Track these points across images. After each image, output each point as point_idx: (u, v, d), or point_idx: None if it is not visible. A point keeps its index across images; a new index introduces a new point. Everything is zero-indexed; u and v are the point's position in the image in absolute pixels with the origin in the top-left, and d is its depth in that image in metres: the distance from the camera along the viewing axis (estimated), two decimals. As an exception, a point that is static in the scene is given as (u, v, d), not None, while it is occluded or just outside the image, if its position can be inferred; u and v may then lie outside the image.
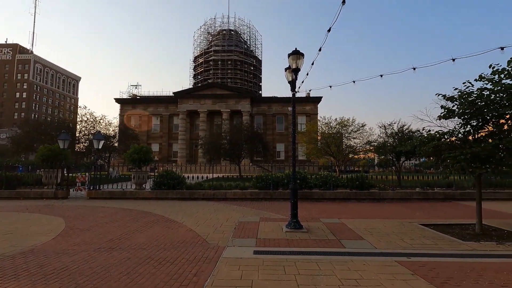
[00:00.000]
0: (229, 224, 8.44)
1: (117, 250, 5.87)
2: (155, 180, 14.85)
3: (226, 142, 31.55)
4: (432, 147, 7.35)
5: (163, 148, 55.27)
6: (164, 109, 56.08)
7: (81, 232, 7.42)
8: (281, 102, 55.77)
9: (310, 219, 9.28)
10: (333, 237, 7.00)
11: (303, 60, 7.67)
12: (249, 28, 67.22)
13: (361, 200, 13.84)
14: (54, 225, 8.27)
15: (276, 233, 7.33)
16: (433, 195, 14.08)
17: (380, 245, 6.31)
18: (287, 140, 54.73)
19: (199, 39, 66.80)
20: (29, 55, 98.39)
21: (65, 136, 15.44)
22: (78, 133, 31.63)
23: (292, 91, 8.17)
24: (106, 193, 14.60)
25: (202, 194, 14.19)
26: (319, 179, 14.79)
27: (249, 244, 6.35)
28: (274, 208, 11.68)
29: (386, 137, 20.77)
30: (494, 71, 6.81)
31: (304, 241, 6.59)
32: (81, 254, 5.57)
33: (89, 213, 10.24)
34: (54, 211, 10.67)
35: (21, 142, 30.53)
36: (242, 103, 53.15)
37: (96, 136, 17.39)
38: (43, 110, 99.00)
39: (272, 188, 14.36)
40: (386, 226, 8.29)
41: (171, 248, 5.99)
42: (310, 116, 53.49)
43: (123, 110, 56.19)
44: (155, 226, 8.14)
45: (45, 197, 14.57)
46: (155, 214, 10.13)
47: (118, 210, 10.89)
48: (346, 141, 29.72)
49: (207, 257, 5.41)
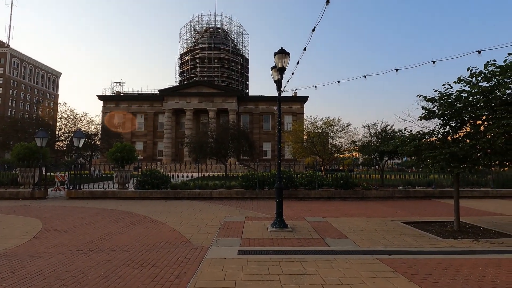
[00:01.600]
0: (214, 224, 8.36)
1: (96, 252, 5.68)
2: (138, 179, 14.52)
3: (213, 140, 31.30)
4: (413, 147, 7.53)
5: (148, 147, 54.23)
6: (149, 107, 55.00)
7: (58, 234, 7.13)
8: (268, 101, 55.89)
9: (295, 218, 9.33)
10: (318, 236, 7.05)
11: (288, 59, 7.68)
12: (236, 26, 66.93)
13: (345, 199, 14.06)
14: (30, 226, 7.91)
15: (261, 233, 7.32)
16: (414, 194, 14.49)
17: (363, 243, 6.41)
18: (274, 139, 54.91)
19: (186, 36, 65.94)
20: (5, 48, 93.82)
21: (43, 134, 14.82)
22: (58, 130, 30.52)
23: (278, 90, 8.16)
24: (87, 193, 14.14)
25: (187, 193, 13.99)
26: (304, 178, 14.90)
27: (233, 244, 6.30)
28: (259, 207, 11.67)
29: (370, 136, 21.23)
30: (471, 74, 7.04)
31: (289, 240, 6.61)
32: (57, 257, 5.35)
33: (68, 214, 9.88)
34: (30, 212, 10.22)
35: (-4, 140, 29.15)
36: (228, 102, 52.88)
37: (77, 134, 16.80)
38: (20, 106, 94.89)
39: (258, 187, 14.35)
40: (369, 224, 8.44)
41: (153, 250, 5.85)
42: (296, 116, 53.92)
43: (106, 107, 54.69)
44: (137, 227, 7.94)
45: (21, 197, 13.95)
46: (138, 214, 9.89)
47: (99, 211, 10.56)
48: (331, 140, 30.15)
49: (190, 258, 5.31)
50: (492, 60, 6.65)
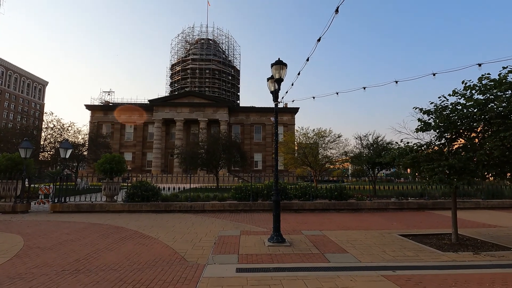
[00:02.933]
0: (208, 238, 8.03)
1: (83, 272, 5.28)
2: (128, 191, 14.01)
3: (203, 151, 30.88)
4: (410, 158, 7.51)
5: (137, 158, 53.16)
6: (138, 117, 54.22)
7: (42, 252, 6.66)
8: (259, 112, 56.07)
9: (292, 231, 9.10)
10: (317, 250, 6.84)
11: (286, 70, 7.62)
12: (228, 38, 67.63)
13: (340, 211, 13.93)
14: (10, 244, 7.38)
15: (258, 248, 7.04)
16: (408, 205, 14.50)
17: (364, 258, 6.23)
18: (265, 149, 54.88)
19: (177, 47, 66.04)
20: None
21: (27, 144, 14.21)
22: (43, 141, 29.51)
23: (275, 101, 8.07)
24: (73, 206, 13.51)
25: (179, 206, 13.57)
26: (298, 189, 14.73)
27: (230, 261, 6.01)
28: (254, 220, 11.38)
29: (362, 147, 21.36)
30: (466, 87, 7.14)
31: (288, 256, 6.36)
32: (40, 279, 4.93)
33: (52, 230, 9.33)
34: (10, 228, 9.61)
35: (-24, 150, 27.86)
36: (219, 112, 52.76)
37: (63, 145, 16.21)
38: (4, 116, 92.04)
39: (251, 199, 14.07)
40: (367, 237, 8.29)
41: (146, 268, 5.50)
42: (287, 127, 54.16)
43: (94, 117, 53.63)
44: (127, 243, 7.53)
45: (2, 211, 13.19)
46: (127, 229, 9.44)
47: (86, 225, 10.04)
48: (322, 151, 30.22)
49: (186, 277, 5.00)
50: (487, 73, 6.77)
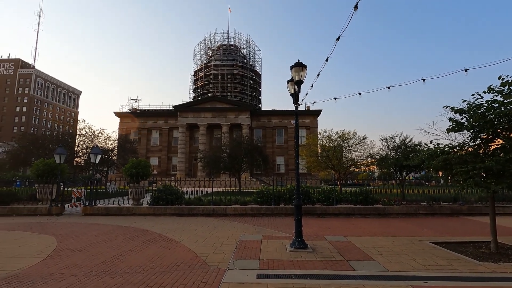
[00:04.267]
0: (229, 243, 8.01)
1: (109, 274, 5.45)
2: (153, 195, 14.41)
3: (226, 155, 31.19)
4: (441, 161, 7.04)
5: (162, 162, 54.80)
6: (163, 122, 56.02)
7: (72, 253, 6.98)
8: (280, 115, 55.83)
9: (315, 237, 8.85)
10: (341, 257, 6.58)
11: (306, 72, 7.48)
12: (249, 42, 68.25)
13: (365, 216, 13.40)
14: (45, 245, 7.82)
15: (280, 253, 6.91)
16: (440, 210, 13.65)
17: (391, 266, 5.89)
18: (287, 153, 54.43)
19: (200, 53, 67.67)
20: (30, 69, 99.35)
21: (61, 151, 15.11)
22: (77, 147, 31.33)
23: (295, 103, 7.94)
24: (102, 209, 14.13)
25: (201, 209, 13.73)
26: (321, 193, 14.38)
27: (251, 266, 5.93)
28: (276, 224, 11.23)
29: (388, 150, 20.50)
30: (503, 83, 6.59)
31: (311, 263, 6.17)
32: (69, 279, 5.14)
33: (82, 231, 9.79)
34: (46, 229, 10.21)
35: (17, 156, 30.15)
36: (241, 116, 53.17)
37: (93, 151, 17.06)
38: (43, 124, 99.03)
39: (273, 203, 13.93)
40: (395, 244, 7.87)
41: (168, 272, 5.57)
42: (310, 129, 53.41)
43: (123, 123, 56.11)
44: (151, 246, 7.70)
45: (39, 213, 14.09)
46: (152, 232, 9.68)
47: (114, 228, 10.43)
48: (347, 154, 29.40)
49: (206, 282, 4.99)
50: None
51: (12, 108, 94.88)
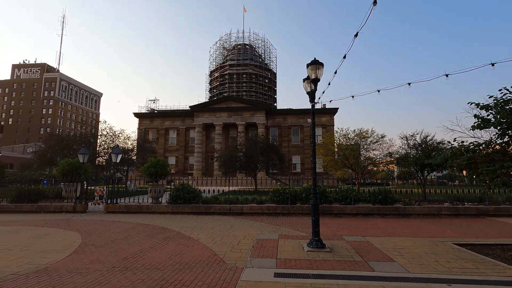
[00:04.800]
0: (246, 241, 8.06)
1: (131, 270, 5.63)
2: (171, 194, 14.73)
3: (242, 154, 31.35)
4: (466, 159, 6.76)
5: (180, 161, 55.82)
6: (180, 122, 57.05)
7: (96, 249, 7.26)
8: (296, 114, 55.45)
9: (332, 236, 8.74)
10: (360, 258, 6.46)
11: (322, 69, 7.39)
12: (264, 41, 68.17)
13: (384, 216, 13.08)
14: (70, 241, 8.18)
15: (297, 253, 6.88)
16: (464, 211, 13.10)
17: (413, 268, 5.73)
18: (303, 152, 53.98)
19: (215, 54, 68.31)
20: (55, 73, 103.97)
21: (84, 151, 15.73)
22: (98, 147, 32.51)
23: (311, 102, 7.86)
24: (123, 207, 14.59)
25: (218, 208, 13.89)
26: (339, 193, 14.18)
27: (268, 265, 5.94)
28: (292, 224, 11.19)
29: (408, 148, 19.88)
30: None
31: (328, 263, 6.11)
32: (94, 274, 5.36)
33: (105, 228, 10.15)
34: (71, 226, 10.67)
35: (44, 156, 31.65)
36: (257, 116, 53.23)
37: (114, 151, 17.63)
38: (67, 125, 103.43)
39: (290, 202, 13.87)
40: (416, 245, 7.63)
41: (187, 269, 5.68)
42: (326, 128, 52.72)
43: (142, 124, 57.62)
44: (170, 243, 7.88)
45: (65, 210, 14.74)
46: (171, 229, 9.90)
47: (134, 225, 10.75)
48: (365, 152, 28.79)
49: (224, 279, 5.05)
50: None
51: (39, 110, 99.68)
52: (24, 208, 14.91)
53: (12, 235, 8.88)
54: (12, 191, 16.69)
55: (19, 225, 10.81)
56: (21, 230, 9.76)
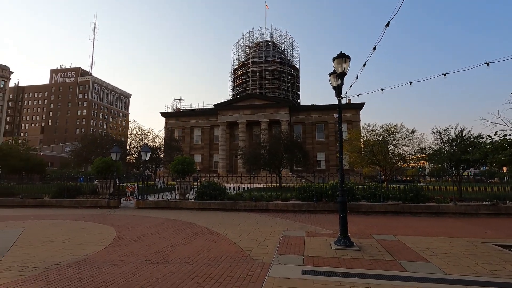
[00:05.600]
0: (272, 238, 8.07)
1: (162, 263, 5.85)
2: (197, 190, 15.09)
3: (266, 152, 31.38)
4: (509, 154, 6.27)
5: (205, 159, 57.00)
6: (205, 121, 58.18)
7: (129, 243, 7.63)
8: (320, 110, 54.47)
9: (361, 235, 8.51)
10: (391, 257, 6.23)
11: (349, 63, 7.17)
12: (286, 38, 67.52)
13: (416, 214, 12.51)
14: (106, 234, 8.66)
15: (324, 250, 6.77)
16: (506, 210, 12.17)
17: (450, 269, 5.43)
18: (328, 148, 52.96)
19: (238, 52, 68.75)
20: (88, 77, 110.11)
21: (116, 149, 16.54)
22: (129, 145, 34.03)
23: (338, 97, 7.66)
24: (153, 203, 15.18)
25: (243, 205, 14.02)
26: (366, 190, 13.75)
27: (296, 262, 5.91)
28: (318, 221, 11.03)
29: (442, 143, 18.82)
30: None
31: (358, 261, 5.95)
32: (128, 266, 5.63)
33: (137, 223, 10.63)
34: (106, 220, 11.28)
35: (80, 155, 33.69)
36: (280, 113, 52.95)
37: (144, 149, 18.38)
38: (99, 125, 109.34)
39: (315, 199, 13.68)
40: (452, 246, 7.23)
41: (215, 264, 5.80)
42: (352, 124, 51.27)
43: (168, 123, 59.50)
44: (198, 238, 8.08)
45: (99, 206, 15.62)
46: (198, 225, 10.15)
47: (164, 221, 11.15)
48: (393, 148, 27.67)
49: (252, 275, 5.09)
50: None
51: (75, 112, 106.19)
52: (63, 203, 15.99)
53: (54, 228, 9.57)
54: (53, 187, 17.96)
55: (60, 219, 11.62)
56: (62, 224, 10.48)
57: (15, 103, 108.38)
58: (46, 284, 4.67)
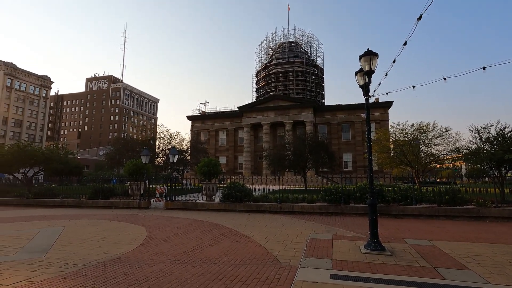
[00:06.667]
0: (299, 240, 7.96)
1: (191, 263, 5.97)
2: (223, 192, 15.29)
3: (290, 153, 31.12)
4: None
5: (229, 161, 57.73)
6: (229, 123, 58.98)
7: (159, 242, 7.88)
8: (346, 109, 53.16)
9: (392, 239, 8.14)
10: (426, 263, 5.89)
11: (377, 60, 6.91)
12: (309, 37, 66.77)
13: (453, 218, 11.76)
14: (137, 234, 9.02)
15: (353, 254, 6.56)
16: (558, 214, 11.07)
17: (494, 278, 5.02)
18: (355, 149, 51.49)
19: (261, 54, 69.09)
20: (119, 84, 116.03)
21: (146, 152, 17.23)
22: (157, 148, 35.32)
23: (365, 95, 7.41)
24: (180, 204, 15.61)
25: (269, 207, 13.99)
26: (397, 192, 13.16)
27: (324, 265, 5.77)
28: (346, 224, 10.72)
29: (481, 142, 17.53)
30: None
31: (390, 267, 5.69)
32: (159, 265, 5.81)
33: (166, 224, 10.97)
34: (137, 221, 11.77)
35: (113, 158, 35.48)
36: (304, 113, 52.37)
37: (172, 151, 18.98)
38: (130, 129, 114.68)
39: (342, 202, 13.31)
40: (495, 252, 6.69)
41: (242, 265, 5.82)
42: (380, 123, 49.47)
43: (194, 126, 61.07)
44: (225, 240, 8.17)
45: (131, 206, 16.33)
46: (224, 226, 10.27)
47: (191, 222, 11.41)
48: (425, 148, 26.27)
49: (279, 278, 5.04)
50: None
51: (108, 117, 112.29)
52: (98, 204, 16.92)
53: (91, 228, 10.14)
54: (89, 188, 19.07)
55: (96, 219, 12.30)
56: (98, 223, 11.09)
57: (56, 111, 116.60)
58: (84, 281, 4.95)
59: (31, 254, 6.69)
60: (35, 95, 78.94)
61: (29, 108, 76.92)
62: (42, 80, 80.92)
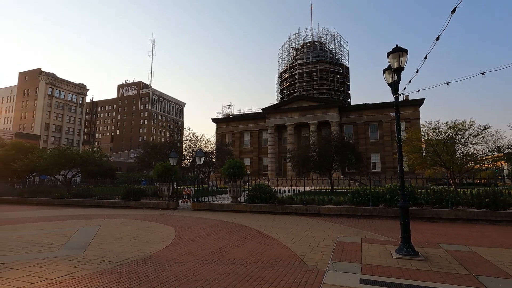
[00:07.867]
0: (326, 243, 7.81)
1: (218, 263, 6.08)
2: (248, 193, 15.38)
3: (315, 154, 30.61)
4: None
5: (254, 162, 57.98)
6: (253, 125, 59.29)
7: (187, 242, 8.10)
8: (373, 108, 51.39)
9: (426, 244, 7.73)
10: (465, 270, 5.53)
11: (406, 57, 6.63)
12: (334, 36, 65.43)
13: (494, 222, 10.93)
14: (167, 234, 9.34)
15: (384, 259, 6.32)
16: None
17: (543, 289, 4.60)
18: (383, 149, 49.59)
19: (284, 55, 68.79)
20: (148, 89, 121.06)
21: (174, 154, 17.79)
22: (184, 151, 36.37)
23: (394, 94, 7.13)
24: (207, 205, 15.93)
25: (295, 208, 13.86)
26: (431, 194, 12.48)
27: (352, 270, 5.61)
28: (375, 227, 10.35)
29: (525, 140, 16.16)
30: None
31: (424, 273, 5.41)
32: (188, 265, 5.98)
33: (193, 224, 11.25)
34: (166, 221, 12.18)
35: (143, 160, 37.04)
36: (329, 114, 51.34)
37: (198, 153, 19.43)
38: (159, 133, 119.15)
39: (371, 204, 12.87)
40: (545, 261, 6.12)
41: (268, 267, 5.82)
42: (410, 122, 47.28)
43: (219, 128, 62.11)
44: (251, 241, 8.22)
45: (160, 207, 16.94)
46: (250, 228, 10.33)
47: (218, 222, 11.61)
48: (462, 148, 24.66)
49: (307, 281, 4.98)
50: None
51: (138, 122, 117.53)
52: (130, 204, 17.73)
53: (124, 227, 10.66)
54: (121, 189, 20.06)
55: (128, 218, 12.90)
56: (130, 223, 11.63)
57: (91, 116, 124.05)
58: (119, 277, 5.21)
59: (71, 250, 7.17)
60: (73, 102, 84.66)
61: (68, 114, 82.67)
62: (78, 88, 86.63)
